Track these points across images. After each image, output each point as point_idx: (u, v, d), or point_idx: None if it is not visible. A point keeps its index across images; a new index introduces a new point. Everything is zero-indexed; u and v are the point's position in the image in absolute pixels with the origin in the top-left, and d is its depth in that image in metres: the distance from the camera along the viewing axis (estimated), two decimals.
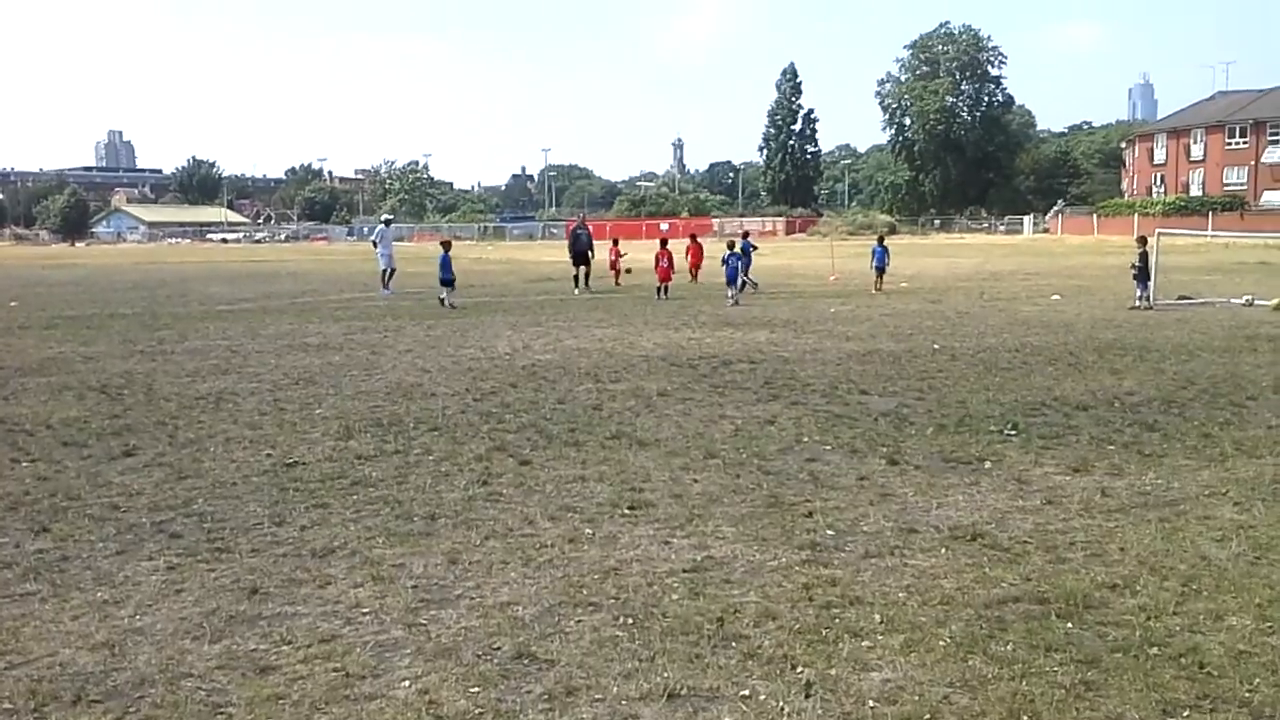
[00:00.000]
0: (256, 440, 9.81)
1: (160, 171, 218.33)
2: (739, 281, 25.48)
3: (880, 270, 28.23)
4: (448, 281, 25.00)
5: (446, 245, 26.34)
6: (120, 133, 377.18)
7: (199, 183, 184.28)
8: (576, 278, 29.56)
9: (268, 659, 5.01)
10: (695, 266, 33.44)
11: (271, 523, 7.18)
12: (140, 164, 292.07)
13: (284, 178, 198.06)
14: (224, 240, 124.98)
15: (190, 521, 7.24)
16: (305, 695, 4.62)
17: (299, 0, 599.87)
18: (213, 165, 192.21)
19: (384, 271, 30.15)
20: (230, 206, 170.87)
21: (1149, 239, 23.55)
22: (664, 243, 28.44)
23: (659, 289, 26.84)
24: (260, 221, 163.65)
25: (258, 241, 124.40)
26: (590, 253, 29.94)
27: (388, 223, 33.19)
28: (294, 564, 6.35)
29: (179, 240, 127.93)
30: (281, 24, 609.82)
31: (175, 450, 9.43)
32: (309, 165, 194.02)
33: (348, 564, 6.34)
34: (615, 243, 33.39)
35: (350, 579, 6.08)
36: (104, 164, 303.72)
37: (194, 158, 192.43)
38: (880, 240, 30.14)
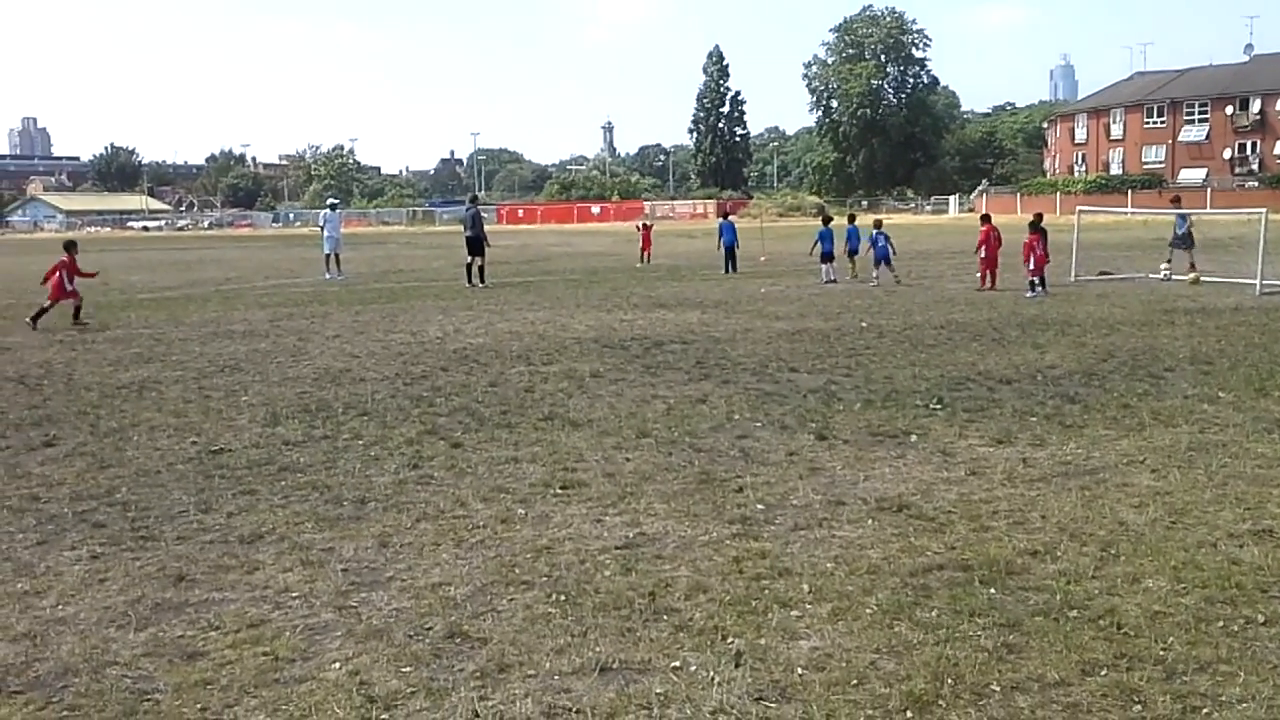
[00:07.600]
0: (181, 428, 9.66)
1: (78, 159, 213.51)
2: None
3: (855, 254, 25.33)
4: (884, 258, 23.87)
5: (878, 224, 24.78)
6: (35, 119, 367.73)
7: (118, 170, 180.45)
8: (469, 269, 26.04)
9: (195, 645, 4.94)
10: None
11: (198, 510, 7.08)
12: (57, 151, 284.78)
13: (205, 164, 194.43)
14: (145, 228, 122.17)
15: (114, 511, 7.11)
16: (234, 680, 4.57)
17: None
18: (132, 152, 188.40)
19: (328, 255, 29.78)
20: (151, 194, 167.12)
21: (1066, 217, 23.97)
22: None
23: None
24: (182, 209, 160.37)
25: (180, 229, 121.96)
26: (486, 242, 26.34)
27: (333, 207, 32.61)
28: (221, 550, 6.27)
29: (98, 228, 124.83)
30: (203, 8, 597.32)
31: (97, 440, 9.25)
32: (231, 151, 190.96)
33: (276, 549, 6.27)
34: (645, 227, 35.69)
35: (279, 564, 6.02)
36: (18, 151, 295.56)
37: (112, 145, 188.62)
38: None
